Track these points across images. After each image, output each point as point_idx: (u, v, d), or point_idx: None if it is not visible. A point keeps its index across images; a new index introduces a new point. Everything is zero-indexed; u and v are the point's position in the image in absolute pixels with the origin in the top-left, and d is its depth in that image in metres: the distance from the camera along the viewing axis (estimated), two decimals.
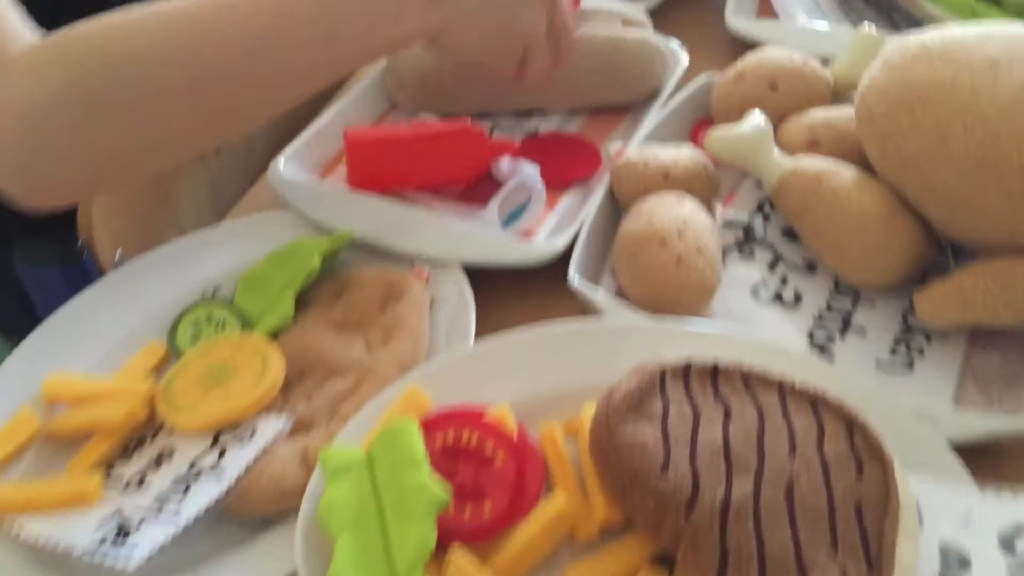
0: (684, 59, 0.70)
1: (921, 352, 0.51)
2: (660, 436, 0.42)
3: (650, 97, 0.68)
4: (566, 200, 0.62)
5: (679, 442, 0.41)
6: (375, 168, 0.61)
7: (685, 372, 0.44)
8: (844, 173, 0.55)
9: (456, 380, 0.48)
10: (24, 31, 0.48)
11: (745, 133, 0.58)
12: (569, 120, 0.70)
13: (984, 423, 0.45)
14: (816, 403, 0.43)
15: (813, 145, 0.59)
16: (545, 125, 0.70)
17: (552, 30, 0.59)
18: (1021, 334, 0.51)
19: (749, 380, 0.44)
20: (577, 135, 0.68)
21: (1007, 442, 0.46)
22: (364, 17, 0.51)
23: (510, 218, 0.60)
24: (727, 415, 0.43)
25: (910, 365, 0.51)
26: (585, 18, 0.69)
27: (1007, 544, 0.38)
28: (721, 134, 0.58)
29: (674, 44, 0.71)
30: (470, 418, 0.44)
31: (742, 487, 0.39)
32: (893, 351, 0.52)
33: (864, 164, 0.55)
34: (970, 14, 0.70)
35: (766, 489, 0.39)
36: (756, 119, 0.58)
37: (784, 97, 0.62)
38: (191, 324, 0.55)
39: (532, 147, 0.66)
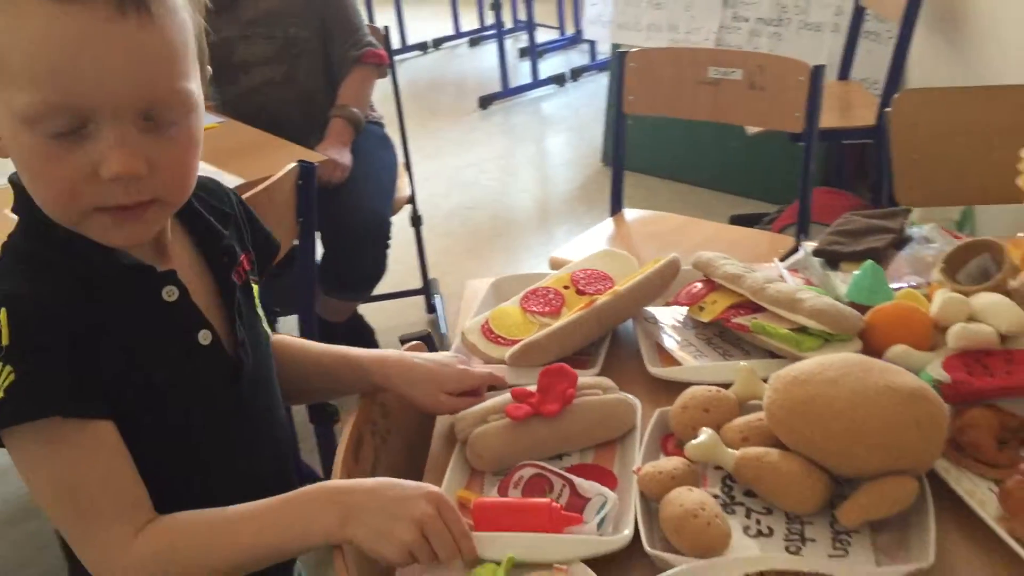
0: (639, 406, 1.08)
1: (849, 542, 0.90)
2: None
3: (630, 430, 1.06)
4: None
5: None
6: (492, 518, 0.91)
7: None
8: (772, 453, 0.94)
9: None
10: (146, 504, 0.86)
11: (706, 442, 0.96)
12: (585, 454, 1.06)
13: (894, 571, 0.83)
14: None
15: (745, 439, 0.98)
16: (570, 460, 1.04)
17: (447, 523, 0.86)
18: (894, 520, 0.89)
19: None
20: (594, 463, 1.04)
21: None
22: (304, 537, 0.87)
23: (599, 512, 0.93)
24: None
25: (846, 552, 0.87)
26: (587, 386, 1.07)
27: None
28: (693, 445, 0.96)
29: (632, 398, 1.09)
30: None
31: None
32: (835, 546, 0.90)
33: (778, 445, 0.95)
34: (794, 344, 1.12)
35: None
36: (708, 432, 0.97)
37: (714, 414, 1.02)
38: None
39: (580, 470, 1.01)
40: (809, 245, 1.36)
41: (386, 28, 2.82)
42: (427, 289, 3.11)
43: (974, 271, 1.18)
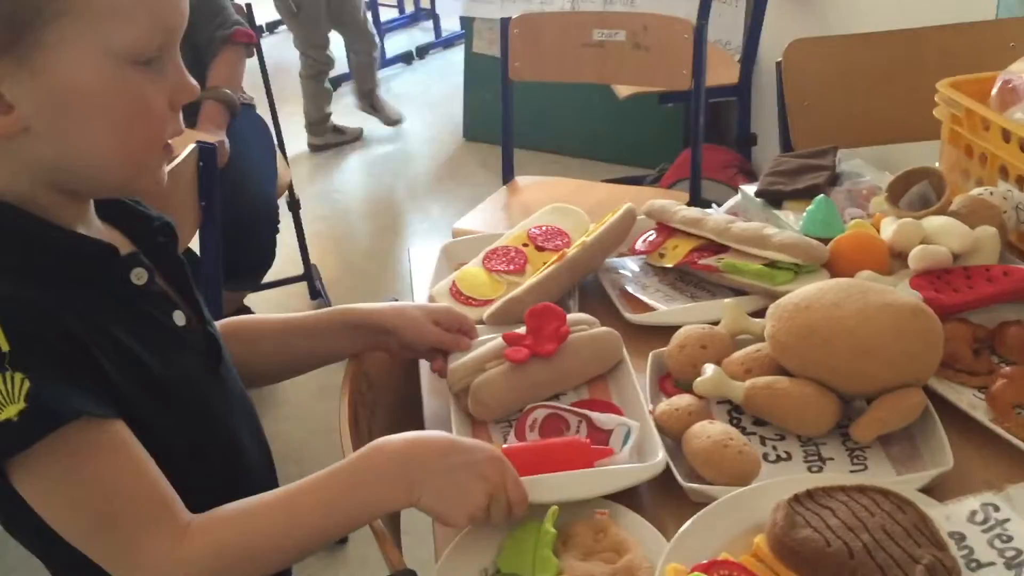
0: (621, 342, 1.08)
1: (865, 457, 0.93)
2: (812, 530, 0.74)
3: (618, 363, 1.06)
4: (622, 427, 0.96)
5: (823, 530, 0.74)
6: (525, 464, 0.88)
7: (799, 497, 0.78)
8: (782, 380, 0.97)
9: (683, 548, 0.80)
10: (180, 507, 0.79)
11: (714, 377, 0.98)
12: (579, 391, 1.05)
13: (920, 478, 0.87)
14: (871, 493, 0.77)
15: (748, 371, 1.00)
16: (567, 399, 1.04)
17: (507, 489, 0.84)
18: (900, 432, 0.93)
19: (831, 491, 0.78)
20: (592, 399, 1.04)
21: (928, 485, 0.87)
22: (369, 505, 0.83)
23: (625, 441, 0.93)
24: (832, 510, 0.75)
25: (865, 466, 0.90)
26: (572, 323, 1.06)
27: (971, 519, 0.80)
28: (701, 381, 0.98)
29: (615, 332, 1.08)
30: (726, 565, 0.78)
31: (867, 539, 0.75)
32: (853, 463, 0.93)
33: (780, 373, 0.98)
34: (768, 278, 1.15)
35: (878, 535, 0.76)
36: (713, 367, 0.99)
37: (711, 350, 1.03)
38: None
39: (586, 405, 1.01)
40: (748, 188, 1.40)
41: (248, 6, 2.71)
42: (309, 275, 3.02)
43: (914, 198, 1.24)
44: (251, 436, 0.97)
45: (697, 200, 2.26)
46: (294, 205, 2.87)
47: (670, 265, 1.22)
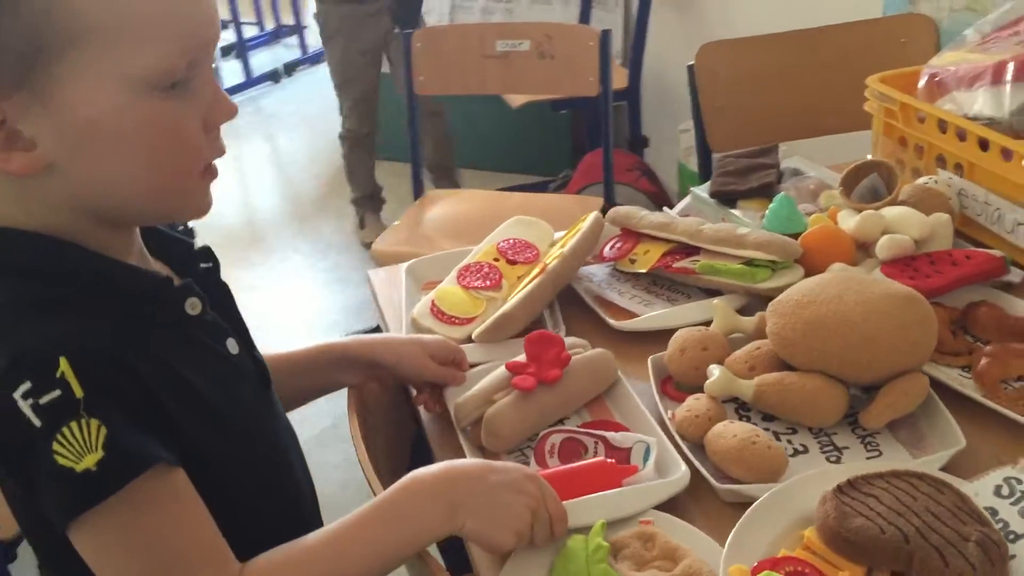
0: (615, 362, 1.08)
1: (877, 443, 0.97)
2: (864, 519, 0.76)
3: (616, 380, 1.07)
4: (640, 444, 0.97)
5: (874, 518, 0.76)
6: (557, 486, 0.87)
7: (842, 487, 0.80)
8: (790, 375, 0.99)
9: (738, 548, 0.81)
10: (231, 555, 0.75)
11: (722, 377, 0.99)
12: (580, 414, 1.05)
13: (939, 458, 0.91)
14: (907, 477, 0.80)
15: (752, 368, 1.02)
16: (571, 423, 1.03)
17: (547, 505, 0.83)
18: (905, 417, 0.97)
19: (870, 479, 0.81)
20: (596, 420, 1.04)
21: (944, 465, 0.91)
22: (415, 537, 0.80)
23: (647, 458, 0.94)
24: (876, 497, 0.78)
25: (880, 452, 0.93)
26: (571, 346, 1.06)
27: (997, 493, 0.85)
28: (711, 383, 0.99)
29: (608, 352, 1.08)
30: (790, 561, 0.79)
31: (917, 522, 0.78)
32: (867, 450, 0.96)
33: (782, 368, 1.00)
34: (749, 277, 1.17)
35: (926, 517, 0.79)
36: (720, 368, 1.00)
37: (712, 351, 1.05)
38: None
39: (592, 427, 1.01)
40: (698, 190, 1.43)
41: None
42: None
43: (863, 190, 1.30)
44: (298, 457, 0.94)
45: (611, 203, 2.29)
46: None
47: (643, 270, 1.23)
